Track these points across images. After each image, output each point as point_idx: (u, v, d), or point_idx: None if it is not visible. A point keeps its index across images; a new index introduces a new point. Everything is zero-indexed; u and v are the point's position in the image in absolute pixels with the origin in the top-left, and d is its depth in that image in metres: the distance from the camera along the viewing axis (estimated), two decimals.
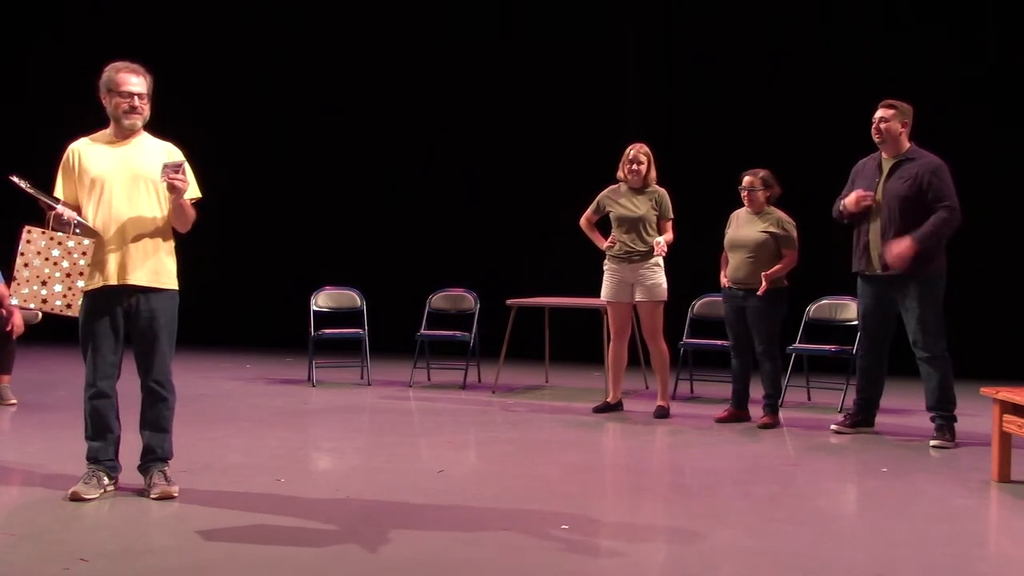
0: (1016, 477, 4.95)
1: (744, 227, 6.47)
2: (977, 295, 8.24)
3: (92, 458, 4.42)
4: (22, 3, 11.49)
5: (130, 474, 4.50)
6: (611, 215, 6.79)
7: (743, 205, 6.55)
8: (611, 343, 6.89)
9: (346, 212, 10.66)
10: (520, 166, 10.06)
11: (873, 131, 5.88)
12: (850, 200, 5.87)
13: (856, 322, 7.07)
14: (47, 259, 4.14)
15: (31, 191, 4.20)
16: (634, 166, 6.67)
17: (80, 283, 4.17)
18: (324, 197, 10.80)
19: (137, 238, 4.31)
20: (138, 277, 4.31)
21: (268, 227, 10.94)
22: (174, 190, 4.27)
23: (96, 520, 4.09)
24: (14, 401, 6.86)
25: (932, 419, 5.87)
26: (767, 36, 9.36)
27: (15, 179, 4.17)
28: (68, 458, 4.94)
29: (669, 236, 6.68)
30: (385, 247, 10.48)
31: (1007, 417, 4.86)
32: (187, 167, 4.39)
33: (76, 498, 4.28)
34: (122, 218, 4.30)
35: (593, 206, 6.89)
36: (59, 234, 4.19)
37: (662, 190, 6.77)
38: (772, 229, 6.37)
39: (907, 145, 5.86)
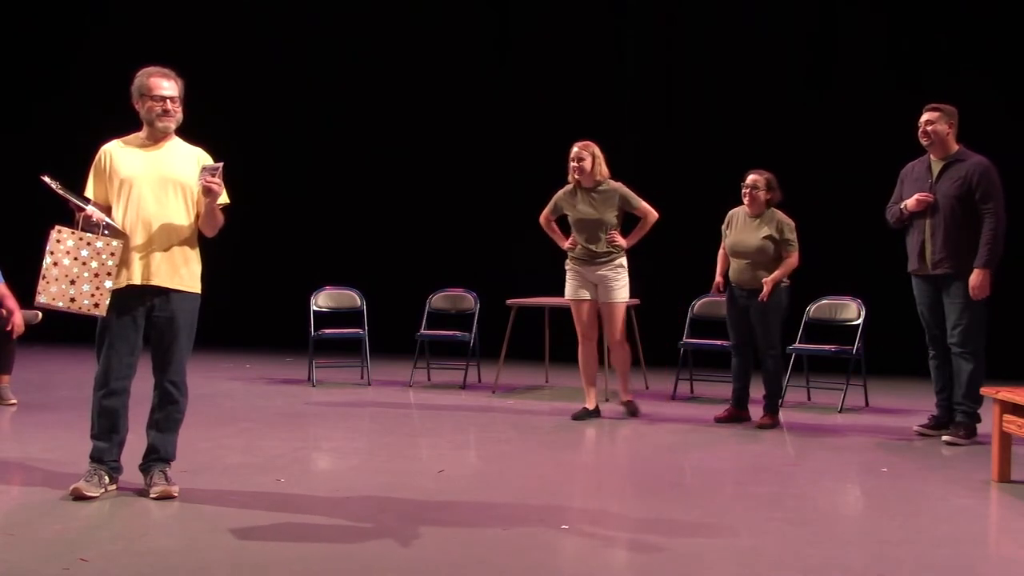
0: (1016, 477, 4.96)
1: (744, 232, 6.44)
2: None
3: (96, 458, 4.42)
4: (55, 9, 11.48)
5: (130, 474, 4.50)
6: (569, 218, 6.65)
7: (742, 204, 6.53)
8: (579, 346, 6.72)
9: (346, 212, 10.65)
10: (520, 166, 10.04)
11: (920, 135, 5.94)
12: (911, 202, 5.93)
13: (857, 322, 7.09)
14: (76, 259, 4.17)
15: (61, 191, 4.22)
16: (574, 163, 6.51)
17: (108, 283, 4.20)
18: (324, 197, 10.79)
19: (163, 240, 4.35)
20: (162, 278, 4.35)
21: (268, 227, 10.92)
22: (209, 193, 4.33)
23: (96, 520, 4.09)
24: (14, 401, 6.85)
25: (953, 412, 5.92)
26: (769, 36, 9.36)
27: (46, 179, 4.20)
28: (68, 458, 4.94)
29: (649, 219, 6.59)
30: (385, 247, 10.47)
31: (1007, 417, 4.87)
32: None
33: (78, 495, 4.28)
34: (150, 219, 4.33)
35: (550, 206, 6.74)
36: (88, 235, 4.22)
37: (617, 185, 6.58)
38: (772, 233, 6.36)
39: (955, 147, 5.92)
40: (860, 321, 7.07)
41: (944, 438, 5.83)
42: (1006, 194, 5.87)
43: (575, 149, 6.57)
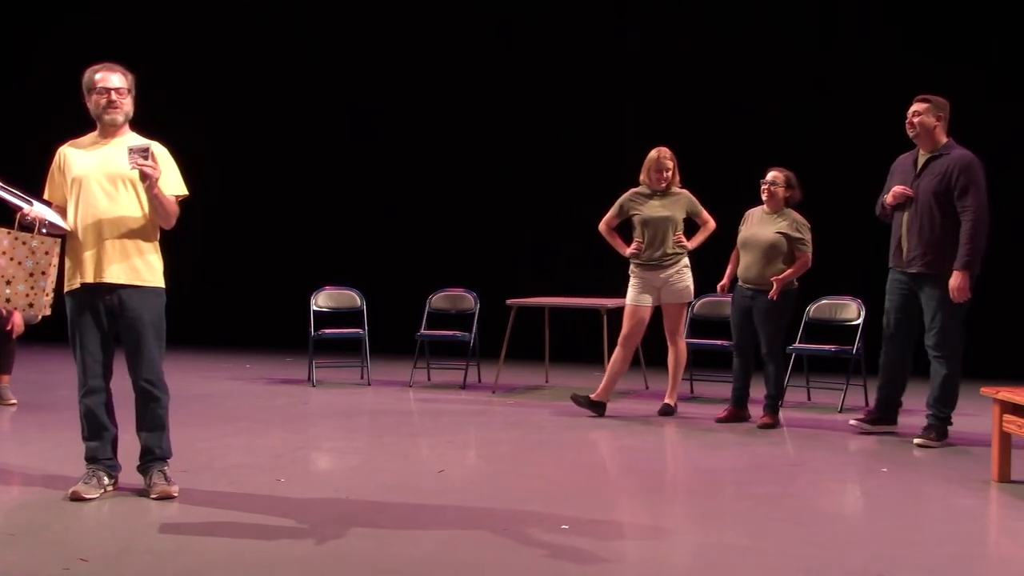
0: (1016, 477, 4.95)
1: (758, 226, 6.44)
2: (977, 295, 8.21)
3: (91, 458, 4.42)
4: (18, 5, 11.47)
5: (130, 474, 4.50)
6: (635, 219, 6.73)
7: (758, 204, 6.51)
8: (620, 347, 6.75)
9: (346, 212, 10.66)
10: (520, 166, 10.06)
11: (907, 125, 5.81)
12: (889, 196, 5.86)
13: (857, 322, 7.09)
14: (12, 259, 4.19)
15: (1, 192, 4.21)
16: (664, 173, 6.66)
17: (43, 283, 4.19)
18: (324, 197, 10.80)
19: (114, 236, 4.28)
20: (114, 275, 4.29)
21: (268, 227, 10.94)
22: (145, 178, 4.20)
23: (96, 520, 4.09)
24: (14, 401, 6.86)
25: (927, 416, 5.85)
26: (771, 36, 9.36)
27: None
28: (68, 458, 4.94)
29: (709, 227, 6.77)
30: (385, 247, 10.48)
31: (1007, 417, 4.86)
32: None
33: (76, 498, 4.28)
34: (100, 216, 4.28)
35: (615, 209, 6.82)
36: (24, 234, 4.21)
37: (686, 192, 6.79)
38: (786, 230, 6.35)
39: (943, 140, 5.78)
40: (860, 321, 7.08)
41: (916, 441, 5.78)
42: (1004, 191, 5.78)
43: (660, 156, 6.67)
